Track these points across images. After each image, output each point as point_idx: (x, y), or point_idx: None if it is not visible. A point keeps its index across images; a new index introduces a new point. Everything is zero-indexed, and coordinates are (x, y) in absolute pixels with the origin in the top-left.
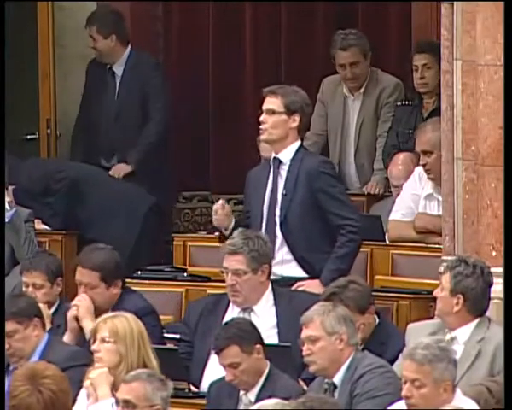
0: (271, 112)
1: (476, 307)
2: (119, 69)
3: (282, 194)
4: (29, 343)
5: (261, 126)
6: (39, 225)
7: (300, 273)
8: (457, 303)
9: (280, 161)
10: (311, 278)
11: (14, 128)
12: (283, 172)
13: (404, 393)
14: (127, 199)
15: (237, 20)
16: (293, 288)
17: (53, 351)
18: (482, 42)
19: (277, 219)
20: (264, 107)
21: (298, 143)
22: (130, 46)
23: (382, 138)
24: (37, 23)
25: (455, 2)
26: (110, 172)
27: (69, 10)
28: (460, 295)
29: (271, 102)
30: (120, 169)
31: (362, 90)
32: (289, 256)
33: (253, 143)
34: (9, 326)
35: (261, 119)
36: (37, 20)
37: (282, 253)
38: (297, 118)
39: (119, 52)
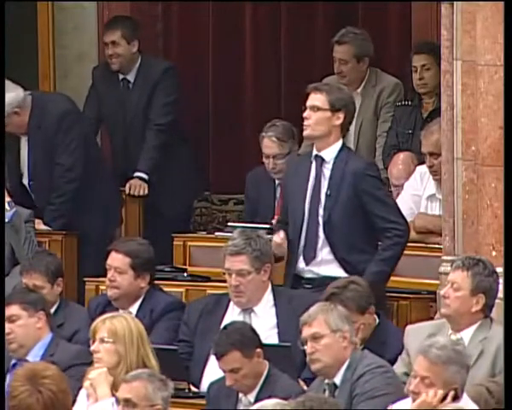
0: (316, 108)
1: (490, 307)
2: (131, 77)
3: (326, 194)
4: (31, 333)
5: (305, 122)
6: (40, 226)
7: (341, 274)
8: (477, 303)
9: (323, 159)
10: None
11: None
12: (327, 171)
13: (411, 388)
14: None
15: (237, 20)
16: None
17: (56, 350)
18: (482, 42)
19: (320, 220)
20: (309, 103)
21: (340, 141)
22: (140, 53)
23: (382, 138)
24: (37, 23)
25: (455, 2)
26: (130, 191)
27: (69, 10)
28: (482, 295)
29: (316, 99)
30: (136, 186)
31: (359, 91)
32: (330, 256)
33: (252, 143)
34: (14, 311)
35: (305, 115)
36: (37, 20)
37: (322, 253)
38: (341, 115)
39: (134, 59)
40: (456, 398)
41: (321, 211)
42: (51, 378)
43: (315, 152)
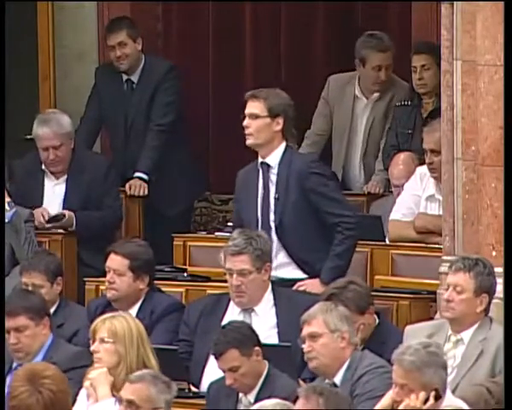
0: (255, 116)
1: (490, 305)
2: (135, 78)
3: (275, 198)
4: (37, 341)
5: (246, 131)
6: None
7: (299, 275)
8: (481, 303)
9: (268, 166)
10: (311, 278)
11: (14, 128)
12: (273, 176)
13: (393, 396)
14: None
15: (237, 20)
16: (294, 288)
17: (56, 351)
18: (482, 42)
19: (272, 224)
20: (247, 111)
21: (283, 145)
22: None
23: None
24: (37, 23)
25: (455, 2)
26: (130, 191)
27: (69, 10)
28: (485, 295)
29: (254, 107)
30: (136, 186)
31: (378, 94)
32: (287, 259)
33: None
34: (21, 321)
35: (245, 123)
36: (36, 20)
37: (279, 257)
38: (280, 121)
39: (140, 59)
40: (438, 397)
41: (272, 216)
42: (51, 378)
43: (260, 160)
